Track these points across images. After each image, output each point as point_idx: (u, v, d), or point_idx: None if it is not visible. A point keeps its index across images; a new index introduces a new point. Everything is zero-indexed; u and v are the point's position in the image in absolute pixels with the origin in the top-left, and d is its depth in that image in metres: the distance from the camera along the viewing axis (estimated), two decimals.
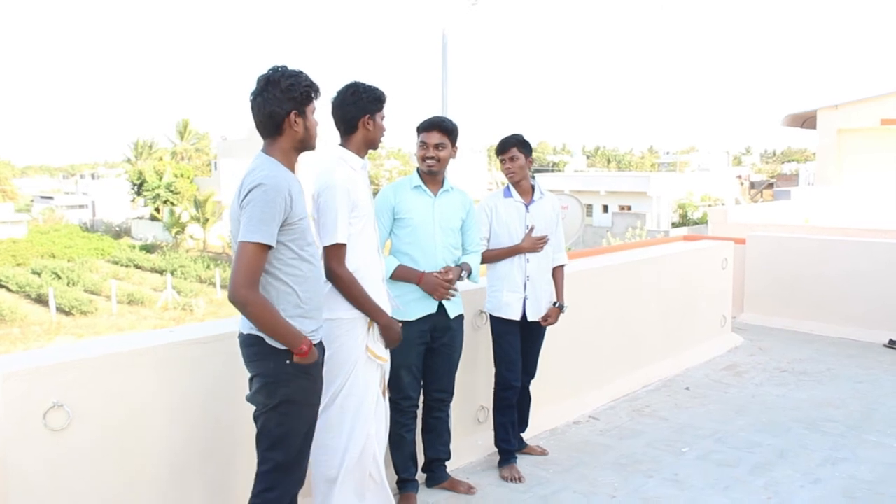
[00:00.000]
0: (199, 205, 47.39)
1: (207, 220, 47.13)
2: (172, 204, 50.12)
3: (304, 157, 3.00)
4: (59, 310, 32.70)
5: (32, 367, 2.80)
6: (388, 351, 3.36)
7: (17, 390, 2.74)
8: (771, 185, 49.92)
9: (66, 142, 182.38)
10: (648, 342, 6.10)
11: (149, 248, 47.20)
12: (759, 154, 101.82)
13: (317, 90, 2.80)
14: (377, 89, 3.27)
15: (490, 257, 4.22)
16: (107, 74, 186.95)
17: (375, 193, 3.65)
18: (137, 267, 42.64)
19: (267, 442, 2.76)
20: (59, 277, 37.72)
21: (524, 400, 4.50)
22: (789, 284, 7.89)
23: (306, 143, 2.83)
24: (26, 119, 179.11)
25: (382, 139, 3.34)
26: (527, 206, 4.26)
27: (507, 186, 4.32)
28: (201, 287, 37.34)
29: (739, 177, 56.31)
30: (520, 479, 4.17)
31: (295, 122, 2.74)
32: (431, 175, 3.81)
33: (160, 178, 51.61)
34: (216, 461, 3.33)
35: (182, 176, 52.50)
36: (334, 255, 3.13)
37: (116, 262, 43.91)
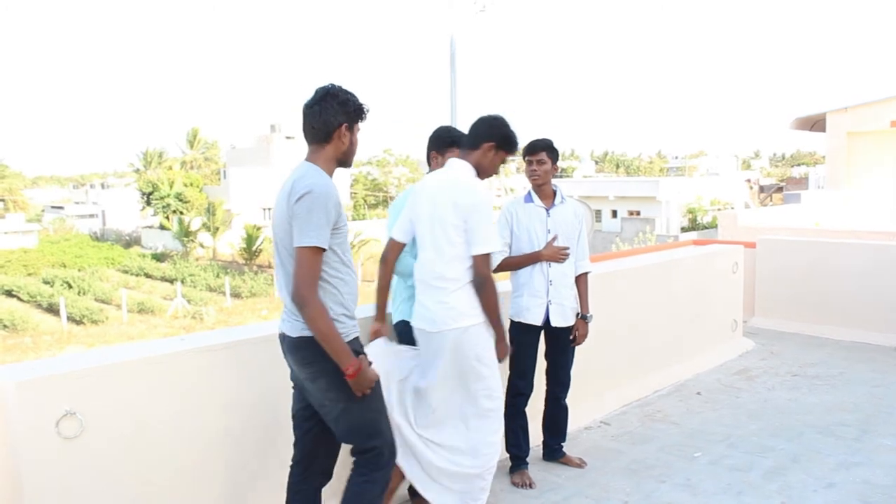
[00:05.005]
0: (209, 213, 47.54)
1: (218, 228, 47.25)
2: (182, 213, 50.31)
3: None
4: (70, 319, 32.82)
5: (45, 375, 2.82)
6: None
7: (30, 398, 2.75)
8: (781, 189, 49.79)
9: (75, 152, 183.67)
10: (659, 347, 6.08)
11: (159, 257, 47.37)
12: (768, 158, 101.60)
13: (367, 112, 2.98)
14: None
15: (511, 265, 4.19)
16: (116, 84, 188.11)
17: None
18: (147, 276, 42.79)
19: (363, 433, 2.92)
20: (70, 287, 37.88)
21: (559, 411, 4.48)
22: (800, 288, 7.85)
23: (347, 157, 2.97)
24: (37, 130, 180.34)
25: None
26: (548, 210, 4.23)
27: (529, 192, 4.29)
28: (211, 296, 37.42)
29: (749, 181, 56.16)
30: (531, 485, 4.16)
31: (344, 134, 2.90)
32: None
33: (170, 188, 51.85)
34: (228, 469, 3.33)
35: (191, 185, 52.72)
36: (487, 261, 3.39)
37: (127, 271, 44.08)
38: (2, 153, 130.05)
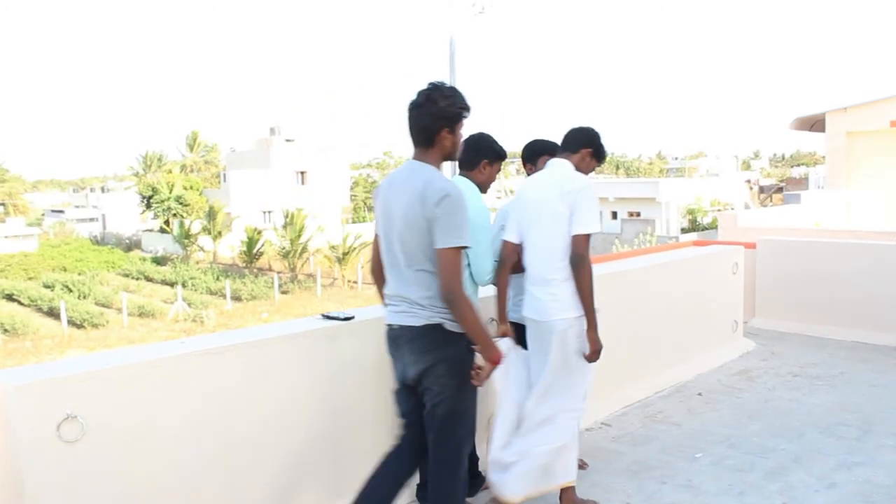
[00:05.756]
0: (209, 216, 47.56)
1: (219, 232, 47.28)
2: (182, 216, 50.33)
3: None
4: (71, 323, 32.82)
5: (46, 379, 2.82)
6: None
7: (31, 402, 2.76)
8: (780, 189, 49.78)
9: (76, 156, 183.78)
10: (660, 348, 6.08)
11: (159, 261, 47.38)
12: (768, 158, 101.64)
13: (468, 110, 3.10)
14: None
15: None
16: (116, 88, 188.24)
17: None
18: (148, 279, 42.79)
19: (451, 420, 3.09)
20: (71, 290, 37.88)
21: None
22: (801, 288, 7.84)
23: (451, 156, 3.15)
24: (37, 134, 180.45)
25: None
26: None
27: None
28: (211, 299, 37.40)
29: (748, 181, 56.17)
30: None
31: (445, 137, 3.06)
32: None
33: (170, 191, 51.87)
34: (229, 472, 3.33)
35: (191, 188, 52.75)
36: (586, 242, 3.55)
37: (127, 275, 44.09)
38: (2, 157, 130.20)
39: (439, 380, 3.03)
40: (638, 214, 44.12)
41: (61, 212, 70.02)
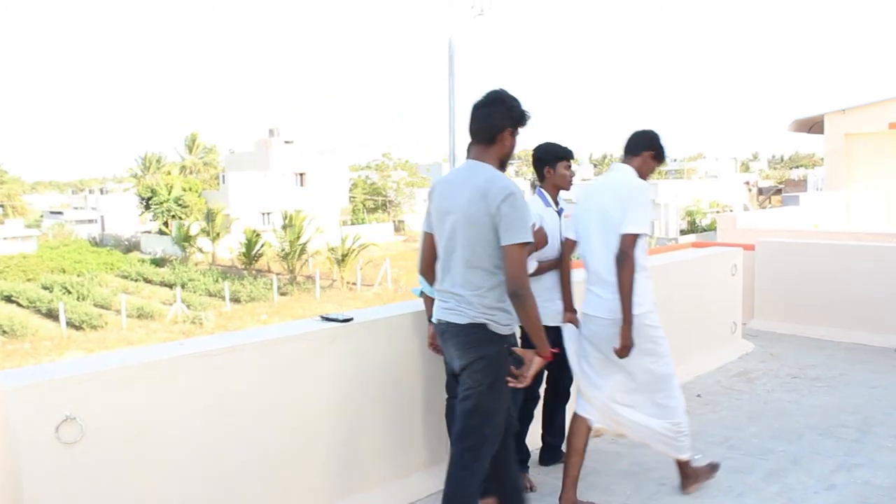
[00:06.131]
0: (208, 218, 47.53)
1: (217, 233, 47.25)
2: (181, 218, 50.31)
3: None
4: (70, 324, 32.78)
5: (45, 380, 2.82)
6: None
7: (30, 404, 2.76)
8: (779, 191, 49.78)
9: (74, 157, 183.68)
10: None
11: (158, 262, 47.33)
12: (766, 160, 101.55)
13: (529, 118, 3.23)
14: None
15: (543, 269, 4.13)
16: (115, 89, 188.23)
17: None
18: (147, 281, 42.74)
19: (480, 417, 3.14)
20: (70, 292, 37.84)
21: (561, 411, 4.57)
22: (800, 290, 7.85)
23: (506, 158, 3.24)
24: (36, 135, 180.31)
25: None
26: (559, 213, 4.26)
27: (544, 196, 4.26)
28: (210, 300, 37.36)
29: (747, 183, 56.20)
30: (531, 489, 4.15)
31: (507, 137, 3.17)
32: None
33: (169, 193, 51.85)
34: (226, 474, 3.33)
35: (190, 190, 52.71)
36: (633, 242, 3.65)
37: (126, 277, 44.04)
38: (1, 158, 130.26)
39: (474, 375, 3.12)
40: None
41: (60, 213, 69.92)
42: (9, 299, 38.14)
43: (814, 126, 18.75)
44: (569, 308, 4.09)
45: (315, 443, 3.67)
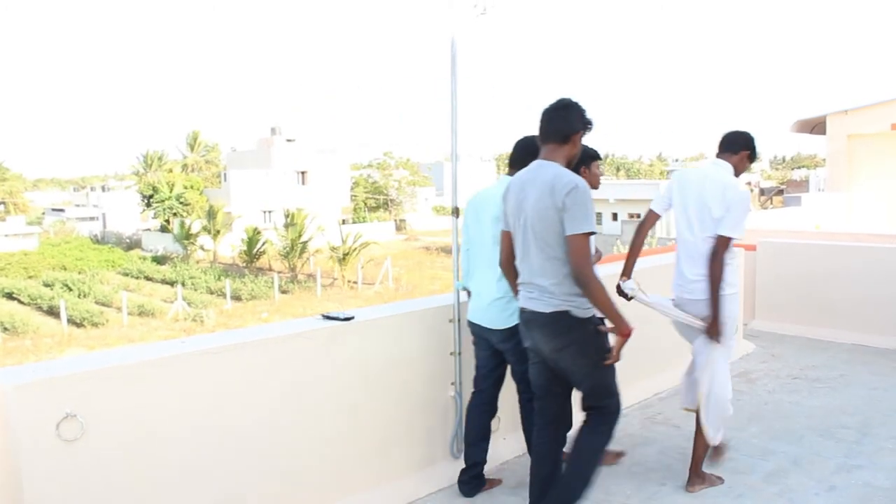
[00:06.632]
0: (210, 216, 47.54)
1: (218, 231, 47.25)
2: (182, 216, 50.32)
3: None
4: (71, 321, 32.78)
5: (46, 377, 2.82)
6: None
7: (30, 401, 2.76)
8: (781, 192, 49.72)
9: (76, 154, 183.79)
10: (660, 350, 6.06)
11: (159, 260, 47.35)
12: (768, 160, 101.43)
13: (592, 125, 3.46)
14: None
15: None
16: (116, 87, 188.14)
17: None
18: (148, 278, 42.75)
19: (603, 393, 3.47)
20: (71, 289, 37.84)
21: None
22: (801, 291, 7.84)
23: (575, 158, 3.47)
24: (37, 132, 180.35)
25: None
26: None
27: None
28: (211, 298, 37.36)
29: (749, 183, 56.08)
30: None
31: (577, 140, 3.41)
32: None
33: (170, 190, 51.86)
34: (227, 472, 3.33)
35: (192, 188, 52.74)
36: (727, 244, 3.96)
37: (127, 274, 44.06)
38: (2, 155, 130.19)
39: (576, 361, 3.39)
40: (639, 216, 43.92)
41: (62, 210, 69.99)
42: (10, 296, 38.16)
43: (816, 127, 18.73)
44: (626, 274, 4.35)
45: (315, 441, 3.67)
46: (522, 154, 3.90)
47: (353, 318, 3.83)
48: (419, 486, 4.10)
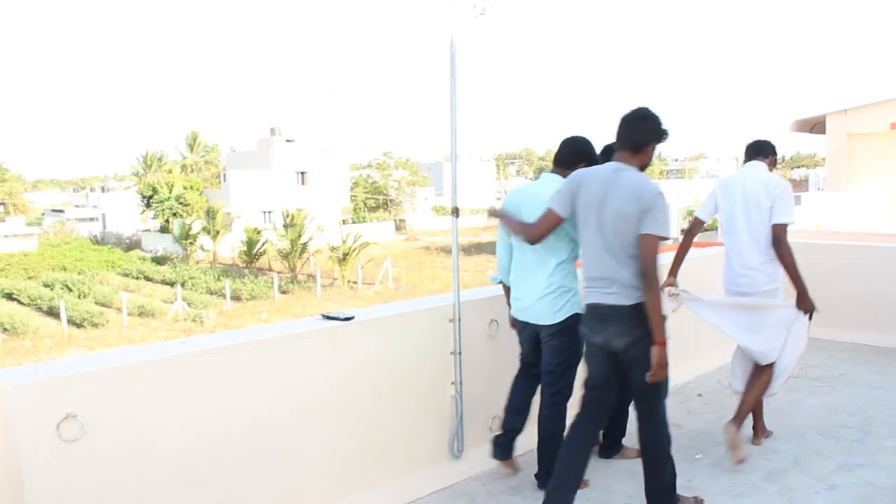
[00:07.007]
0: (209, 216, 47.54)
1: (218, 232, 47.25)
2: (182, 216, 50.32)
3: None
4: (71, 322, 32.79)
5: (46, 378, 2.82)
6: None
7: (30, 401, 2.76)
8: None
9: (76, 155, 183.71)
10: None
11: (159, 261, 47.36)
12: None
13: (667, 136, 3.67)
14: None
15: None
16: (116, 87, 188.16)
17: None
18: (148, 279, 42.76)
19: (658, 388, 3.62)
20: (71, 290, 37.85)
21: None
22: None
23: (647, 166, 3.67)
24: (37, 133, 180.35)
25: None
26: None
27: None
28: (211, 298, 37.36)
29: None
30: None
31: (650, 150, 3.64)
32: None
33: (170, 191, 51.87)
34: (227, 472, 3.33)
35: (192, 188, 52.74)
36: (785, 230, 4.49)
37: (127, 275, 44.06)
38: (2, 156, 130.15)
39: (644, 352, 3.49)
40: None
41: (61, 211, 69.99)
42: (10, 297, 38.18)
43: (815, 126, 18.75)
44: (672, 273, 4.86)
45: (316, 441, 3.67)
46: (570, 154, 4.13)
47: (352, 318, 3.82)
48: (419, 486, 4.10)
